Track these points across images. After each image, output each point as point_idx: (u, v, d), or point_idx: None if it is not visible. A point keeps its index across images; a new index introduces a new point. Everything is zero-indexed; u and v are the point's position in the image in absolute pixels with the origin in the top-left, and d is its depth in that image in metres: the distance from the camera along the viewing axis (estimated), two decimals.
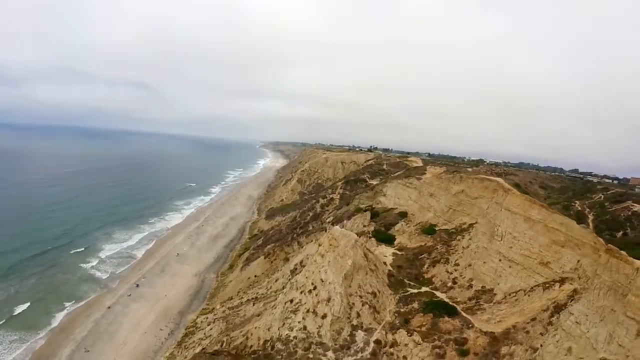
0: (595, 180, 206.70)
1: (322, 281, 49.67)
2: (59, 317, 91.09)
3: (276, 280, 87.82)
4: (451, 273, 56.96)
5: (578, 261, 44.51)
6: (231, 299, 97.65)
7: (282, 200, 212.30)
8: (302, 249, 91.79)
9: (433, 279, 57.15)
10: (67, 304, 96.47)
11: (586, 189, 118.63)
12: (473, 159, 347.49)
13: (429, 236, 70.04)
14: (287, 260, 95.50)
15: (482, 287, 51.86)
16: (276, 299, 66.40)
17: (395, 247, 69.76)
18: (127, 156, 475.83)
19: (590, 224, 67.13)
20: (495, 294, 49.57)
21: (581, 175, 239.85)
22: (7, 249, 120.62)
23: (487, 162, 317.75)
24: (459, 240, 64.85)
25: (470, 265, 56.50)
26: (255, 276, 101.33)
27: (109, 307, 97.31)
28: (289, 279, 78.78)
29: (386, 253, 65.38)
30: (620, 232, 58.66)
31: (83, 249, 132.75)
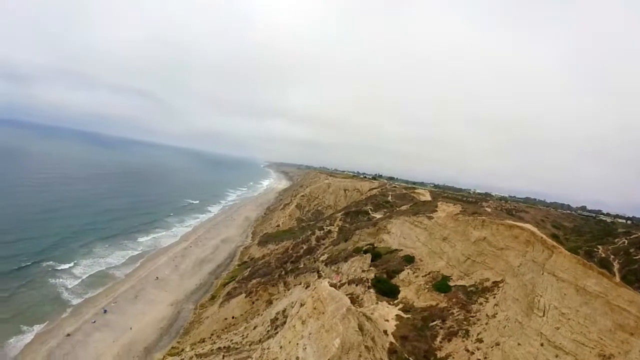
0: (608, 220, 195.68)
1: None
2: (11, 343, 79.41)
3: (254, 328, 74.07)
4: (473, 353, 43.01)
5: None
6: (203, 341, 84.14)
7: (278, 225, 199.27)
8: (288, 292, 78.19)
9: None
10: (24, 327, 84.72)
11: (605, 231, 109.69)
12: (479, 191, 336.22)
13: (442, 294, 56.15)
14: (270, 302, 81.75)
15: None
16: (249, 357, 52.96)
17: (400, 306, 55.83)
18: (127, 166, 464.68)
19: (617, 274, 58.02)
20: None
21: (593, 214, 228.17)
22: None
23: (494, 195, 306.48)
24: (481, 304, 50.94)
25: (498, 344, 42.61)
26: (233, 317, 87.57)
27: (68, 335, 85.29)
28: (268, 331, 65.13)
29: (388, 314, 51.54)
30: None
31: (60, 266, 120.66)
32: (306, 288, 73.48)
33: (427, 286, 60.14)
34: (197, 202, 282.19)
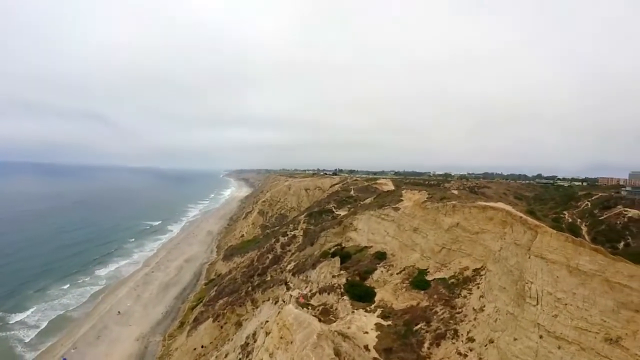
0: (565, 184, 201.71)
1: None
2: None
3: (226, 356, 66.93)
4: (466, 355, 38.21)
5: None
6: None
7: (242, 235, 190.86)
8: (257, 310, 71.42)
9: None
10: None
11: (567, 196, 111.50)
12: (439, 173, 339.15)
13: (422, 291, 51.36)
14: (239, 325, 74.61)
15: None
16: None
17: (378, 312, 50.47)
18: (84, 194, 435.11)
19: (587, 236, 58.91)
20: None
21: (551, 181, 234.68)
22: None
23: (454, 175, 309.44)
24: (465, 297, 46.40)
25: (492, 341, 38.04)
26: (203, 347, 79.81)
27: None
28: (239, 359, 58.40)
29: (367, 325, 46.08)
30: (622, 243, 52.82)
31: (13, 317, 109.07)
32: (275, 303, 67.19)
33: (405, 284, 55.26)
34: (158, 222, 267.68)
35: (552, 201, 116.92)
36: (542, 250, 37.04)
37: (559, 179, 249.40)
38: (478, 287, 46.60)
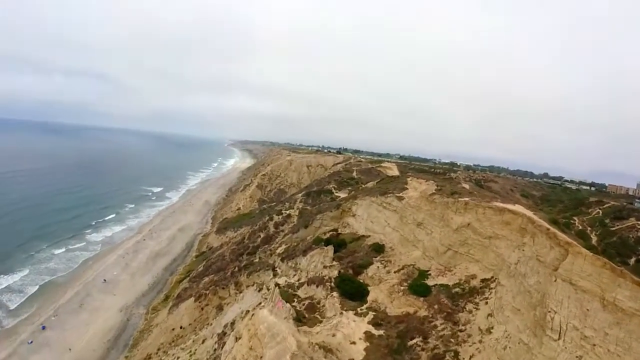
0: (573, 187, 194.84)
1: None
2: None
3: (203, 342, 62.47)
4: None
5: None
6: (150, 358, 72.15)
7: (239, 209, 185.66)
8: (240, 296, 66.27)
9: None
10: None
11: (577, 201, 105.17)
12: (444, 161, 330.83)
13: (421, 298, 45.51)
14: (220, 309, 69.65)
15: None
16: None
17: (370, 316, 44.76)
18: (84, 155, 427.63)
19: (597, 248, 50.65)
20: None
21: (558, 182, 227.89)
22: None
23: (459, 164, 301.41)
24: (470, 312, 40.49)
25: None
26: (181, 327, 75.31)
27: None
28: (215, 349, 53.44)
29: (355, 333, 40.43)
30: (633, 259, 46.96)
31: None
32: (259, 291, 62.02)
33: (402, 287, 49.40)
34: (160, 189, 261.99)
35: (561, 204, 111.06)
36: (572, 275, 30.74)
37: (566, 180, 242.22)
38: (486, 303, 40.65)
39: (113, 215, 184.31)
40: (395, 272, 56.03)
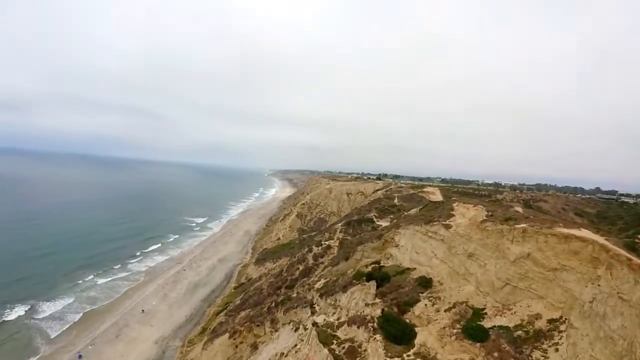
0: (630, 201, 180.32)
1: None
2: None
3: None
4: None
5: None
6: None
7: (278, 238, 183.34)
8: (275, 335, 61.75)
9: None
10: None
11: (638, 216, 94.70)
12: (488, 182, 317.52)
13: (478, 343, 39.42)
14: (255, 348, 65.19)
15: None
16: None
17: None
18: (130, 187, 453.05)
19: None
20: None
21: (613, 197, 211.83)
22: None
23: (504, 185, 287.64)
24: None
25: None
26: None
27: None
28: None
29: None
30: None
31: (41, 308, 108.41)
32: (295, 330, 57.22)
33: (455, 329, 43.30)
34: (201, 219, 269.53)
35: (621, 221, 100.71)
36: None
37: (621, 194, 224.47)
38: (557, 350, 34.15)
39: (157, 246, 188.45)
40: (445, 310, 49.92)
